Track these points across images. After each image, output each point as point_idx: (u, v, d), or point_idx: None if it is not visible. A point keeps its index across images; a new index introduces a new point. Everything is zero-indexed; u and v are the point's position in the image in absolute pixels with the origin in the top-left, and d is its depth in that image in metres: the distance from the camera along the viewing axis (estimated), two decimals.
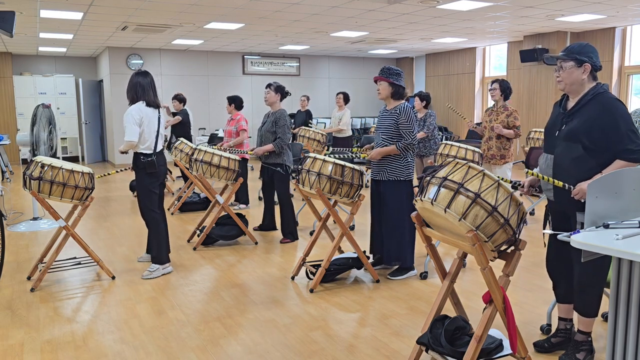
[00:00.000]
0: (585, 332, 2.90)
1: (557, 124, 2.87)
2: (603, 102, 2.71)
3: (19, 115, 12.89)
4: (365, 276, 4.47)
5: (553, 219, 3.00)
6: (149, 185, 4.38)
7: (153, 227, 4.46)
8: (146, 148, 4.33)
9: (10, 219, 6.78)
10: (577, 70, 2.77)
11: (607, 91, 2.77)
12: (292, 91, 14.13)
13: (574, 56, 2.77)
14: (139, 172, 4.37)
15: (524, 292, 4.04)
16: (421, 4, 7.50)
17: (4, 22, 4.88)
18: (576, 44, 2.82)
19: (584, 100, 2.77)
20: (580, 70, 2.77)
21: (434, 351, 2.66)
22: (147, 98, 4.35)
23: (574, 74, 2.78)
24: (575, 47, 2.80)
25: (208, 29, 9.69)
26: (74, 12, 7.79)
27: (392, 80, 4.23)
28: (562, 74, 2.81)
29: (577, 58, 2.76)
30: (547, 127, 2.97)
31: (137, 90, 4.35)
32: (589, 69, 2.77)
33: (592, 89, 2.78)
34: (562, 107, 2.89)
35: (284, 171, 5.54)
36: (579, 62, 2.76)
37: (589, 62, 2.76)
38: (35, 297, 4.01)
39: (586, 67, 2.76)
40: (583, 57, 2.76)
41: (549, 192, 2.89)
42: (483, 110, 12.95)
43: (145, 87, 4.36)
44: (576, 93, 2.82)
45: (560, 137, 2.81)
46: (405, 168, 4.26)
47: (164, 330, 3.41)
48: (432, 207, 2.47)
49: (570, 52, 2.80)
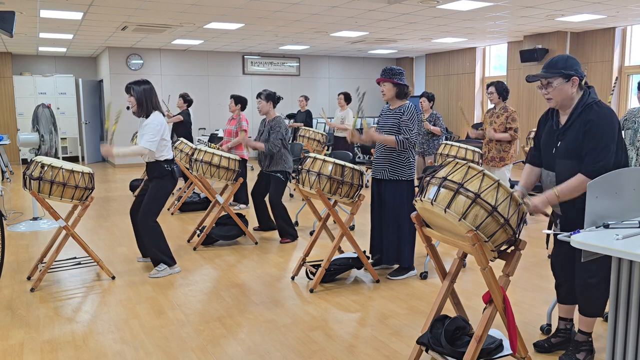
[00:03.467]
0: (586, 333, 2.90)
1: (552, 140, 2.83)
2: (590, 116, 2.65)
3: (19, 115, 12.89)
4: (365, 276, 4.47)
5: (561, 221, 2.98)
6: (168, 193, 4.40)
7: (152, 235, 4.40)
8: (167, 154, 4.36)
9: (10, 219, 6.78)
10: (566, 85, 2.71)
11: (595, 99, 2.72)
12: (292, 91, 14.14)
13: (560, 72, 2.70)
14: (161, 180, 4.35)
15: (524, 292, 4.04)
16: (421, 4, 7.50)
17: (4, 22, 4.88)
18: (559, 58, 2.74)
19: (574, 115, 2.72)
20: (569, 85, 2.70)
21: (434, 351, 2.66)
22: (159, 107, 4.39)
23: (563, 89, 2.71)
24: (559, 62, 2.72)
25: (208, 29, 9.69)
26: (74, 12, 7.78)
27: (395, 80, 4.23)
28: (551, 92, 2.74)
29: (563, 73, 2.69)
30: (542, 142, 2.92)
31: (153, 99, 4.34)
32: (577, 81, 2.71)
33: (580, 100, 2.73)
34: (555, 123, 2.84)
35: (283, 177, 5.53)
36: (567, 77, 2.70)
37: (576, 75, 2.70)
38: (35, 297, 4.01)
39: (574, 80, 2.70)
40: (570, 71, 2.69)
41: (555, 207, 2.88)
42: (483, 110, 12.96)
43: (155, 95, 4.37)
44: (567, 107, 2.78)
45: (558, 155, 2.77)
46: (407, 168, 4.26)
47: (164, 330, 3.41)
48: (432, 207, 2.47)
49: (555, 68, 2.72)
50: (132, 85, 4.33)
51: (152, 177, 4.38)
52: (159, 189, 4.36)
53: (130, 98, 4.34)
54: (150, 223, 4.36)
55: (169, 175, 4.37)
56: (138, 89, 4.30)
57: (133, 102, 4.33)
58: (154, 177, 4.37)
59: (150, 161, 4.36)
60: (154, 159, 4.33)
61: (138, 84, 4.33)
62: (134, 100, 4.32)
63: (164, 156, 4.35)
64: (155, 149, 4.26)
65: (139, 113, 4.34)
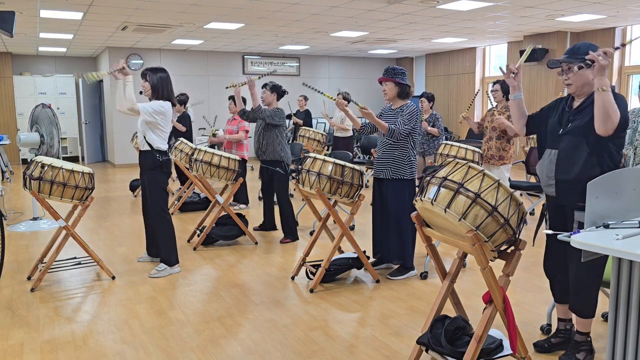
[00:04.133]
0: (583, 333, 2.89)
1: (562, 121, 2.83)
2: None
3: (19, 115, 12.89)
4: (365, 276, 4.47)
5: (551, 217, 2.98)
6: (163, 183, 4.38)
7: (164, 229, 4.42)
8: (162, 145, 4.33)
9: (10, 219, 6.78)
10: (586, 71, 2.71)
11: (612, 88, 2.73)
12: (292, 91, 14.13)
13: (582, 58, 2.70)
14: (153, 171, 4.32)
15: (524, 292, 4.04)
16: (421, 4, 7.50)
17: (4, 22, 4.87)
18: (581, 45, 2.76)
19: (590, 98, 2.74)
20: (590, 71, 2.71)
21: (434, 351, 2.66)
22: (173, 99, 4.36)
23: (584, 75, 2.72)
24: (581, 48, 2.74)
25: (208, 29, 9.69)
26: (74, 12, 7.79)
27: (397, 79, 4.23)
28: (572, 77, 2.75)
29: (585, 59, 2.69)
30: (549, 123, 2.92)
31: (168, 87, 4.30)
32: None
33: None
34: (568, 106, 2.85)
35: (283, 170, 5.55)
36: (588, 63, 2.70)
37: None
38: (35, 297, 4.01)
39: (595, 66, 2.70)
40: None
41: (549, 189, 2.87)
42: (483, 110, 12.96)
43: (170, 84, 4.34)
44: (584, 95, 2.78)
45: (566, 133, 2.77)
46: (409, 167, 4.26)
47: (164, 330, 3.41)
48: (432, 207, 2.47)
49: (577, 54, 2.74)
50: (148, 72, 4.31)
51: (144, 169, 4.37)
52: (152, 181, 4.35)
53: (145, 83, 4.30)
54: (163, 216, 4.38)
55: (160, 167, 4.33)
56: (154, 76, 4.29)
57: (147, 88, 4.30)
58: (146, 169, 4.36)
59: (144, 149, 4.34)
60: (146, 148, 4.30)
61: (154, 71, 4.31)
62: (149, 86, 4.29)
63: (157, 146, 4.31)
64: (143, 114, 4.19)
65: (152, 99, 4.32)
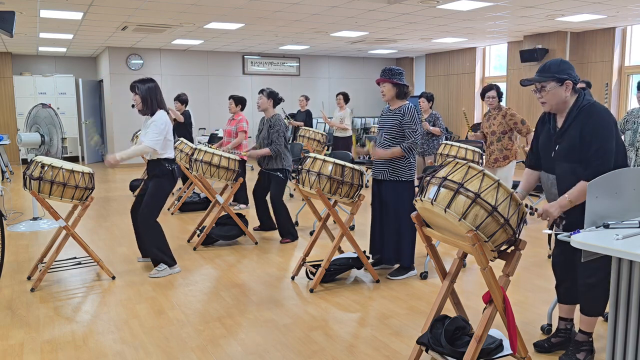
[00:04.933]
0: (587, 333, 2.90)
1: (550, 144, 2.85)
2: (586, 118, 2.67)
3: (19, 115, 12.89)
4: (365, 276, 4.47)
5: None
6: (167, 191, 4.40)
7: (152, 232, 4.41)
8: (169, 154, 4.36)
9: (10, 219, 6.78)
10: (559, 89, 2.73)
11: (590, 101, 2.73)
12: (292, 91, 14.14)
13: (553, 76, 2.72)
14: (161, 178, 4.35)
15: (524, 292, 4.04)
16: (421, 4, 7.50)
17: (4, 22, 4.87)
18: (552, 62, 2.76)
19: (570, 118, 2.74)
20: (563, 89, 2.72)
21: (434, 351, 2.66)
22: (164, 106, 4.39)
23: (557, 93, 2.74)
24: (552, 66, 2.74)
25: (208, 29, 9.69)
26: (74, 12, 7.79)
27: (395, 80, 4.23)
28: (545, 96, 2.76)
29: (557, 77, 2.71)
30: (540, 145, 2.95)
31: (158, 97, 4.34)
32: (571, 85, 2.73)
33: (575, 103, 2.75)
34: (552, 127, 2.86)
35: (283, 176, 5.54)
36: (560, 81, 2.71)
37: (569, 78, 2.71)
38: (35, 297, 4.01)
39: (567, 84, 2.72)
40: (563, 75, 2.71)
41: (550, 196, 2.89)
42: (482, 111, 12.96)
43: (160, 93, 4.38)
44: (562, 111, 2.80)
45: (557, 158, 2.79)
46: (408, 169, 4.26)
47: (164, 330, 3.41)
48: (432, 207, 2.47)
49: (548, 72, 2.74)
50: (137, 84, 4.33)
51: (152, 176, 4.38)
52: (158, 188, 4.35)
53: (135, 96, 4.34)
54: (150, 222, 4.36)
55: (169, 175, 4.37)
56: (143, 87, 4.31)
57: (138, 101, 4.33)
58: (154, 176, 4.36)
59: (152, 159, 4.37)
60: (156, 156, 4.34)
61: (143, 82, 4.33)
62: (139, 99, 4.32)
63: (166, 155, 4.35)
64: (159, 148, 4.27)
65: (143, 111, 4.34)
